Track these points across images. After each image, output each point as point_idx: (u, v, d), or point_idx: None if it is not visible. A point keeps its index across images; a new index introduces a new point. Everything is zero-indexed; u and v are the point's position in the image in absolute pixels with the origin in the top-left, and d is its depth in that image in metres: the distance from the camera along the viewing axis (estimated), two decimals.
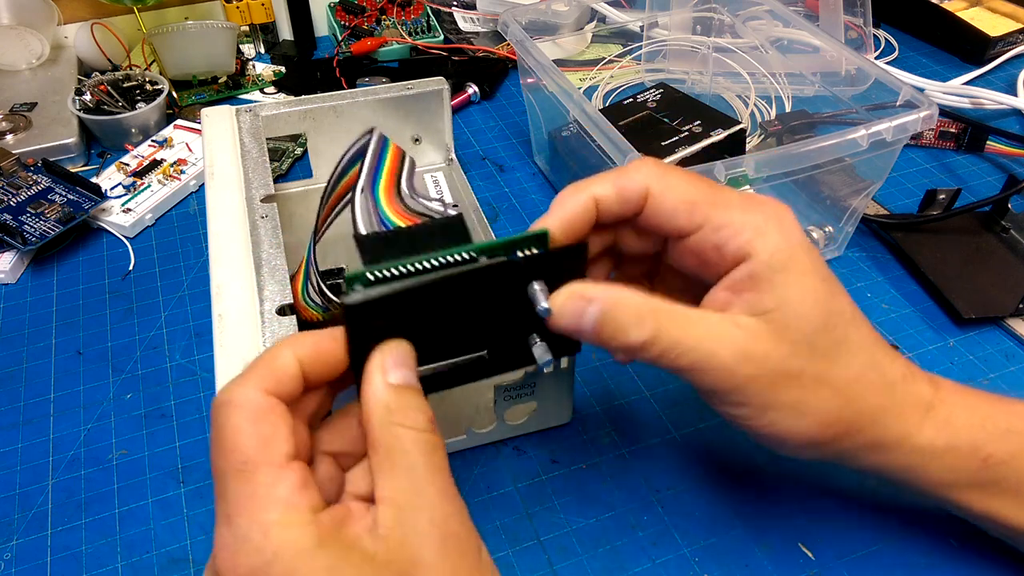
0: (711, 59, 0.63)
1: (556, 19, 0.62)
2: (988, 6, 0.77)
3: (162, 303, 0.50)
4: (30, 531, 0.38)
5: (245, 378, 0.26)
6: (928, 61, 0.74)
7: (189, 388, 0.45)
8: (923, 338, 0.47)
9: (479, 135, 0.65)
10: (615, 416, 0.43)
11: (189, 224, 0.56)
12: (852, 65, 0.50)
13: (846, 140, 0.43)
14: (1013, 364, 0.45)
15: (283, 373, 0.26)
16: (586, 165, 0.52)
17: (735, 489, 0.39)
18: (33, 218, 0.52)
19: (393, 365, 0.27)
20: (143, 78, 0.65)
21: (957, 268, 0.50)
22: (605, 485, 0.39)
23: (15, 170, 0.56)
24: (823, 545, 0.37)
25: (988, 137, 0.60)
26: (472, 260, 0.28)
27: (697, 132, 0.51)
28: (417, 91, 0.54)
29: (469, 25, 0.78)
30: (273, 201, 0.44)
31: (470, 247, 0.28)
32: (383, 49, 0.72)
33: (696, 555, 0.36)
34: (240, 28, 0.72)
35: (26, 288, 0.51)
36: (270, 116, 0.51)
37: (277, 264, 0.40)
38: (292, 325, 0.36)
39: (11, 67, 0.67)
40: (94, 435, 0.42)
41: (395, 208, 0.35)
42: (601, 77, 0.69)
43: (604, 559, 0.36)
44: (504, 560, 0.36)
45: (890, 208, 0.56)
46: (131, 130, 0.62)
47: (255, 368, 0.27)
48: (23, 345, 0.47)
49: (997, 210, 0.53)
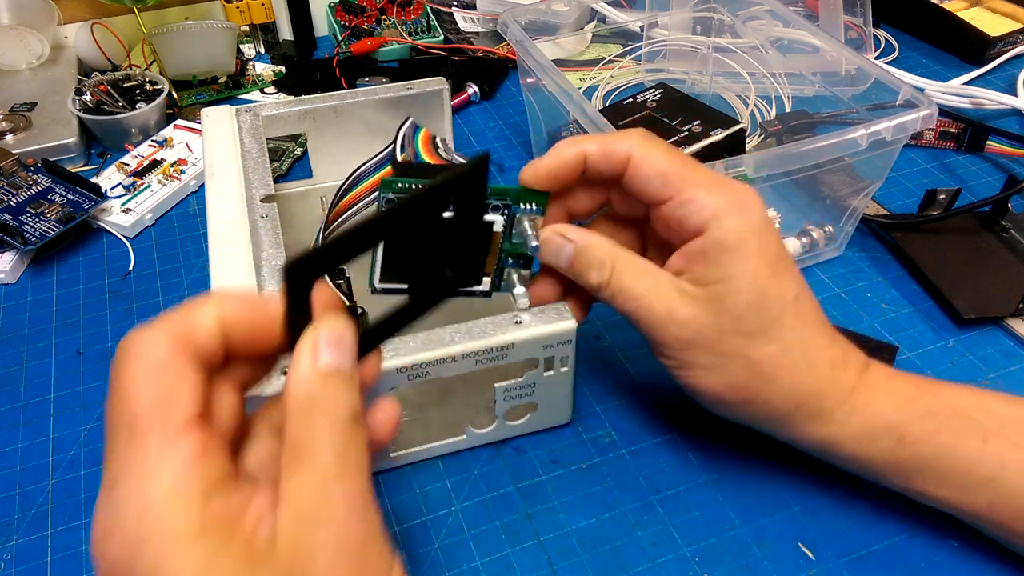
0: (711, 59, 0.63)
1: (556, 19, 0.62)
2: (988, 6, 0.77)
3: (162, 303, 0.50)
4: (30, 531, 0.38)
5: (154, 324, 0.24)
6: (928, 61, 0.74)
7: None
8: (923, 338, 0.47)
9: (479, 135, 0.65)
10: (615, 416, 0.43)
11: (189, 224, 0.56)
12: (852, 65, 0.50)
13: (845, 140, 0.43)
14: (1013, 364, 0.45)
15: (197, 328, 0.24)
16: None
17: (735, 489, 0.39)
18: (33, 218, 0.52)
19: (327, 345, 0.24)
20: (143, 78, 0.65)
21: (957, 268, 0.50)
22: (605, 485, 0.39)
23: (15, 170, 0.56)
24: (823, 545, 0.37)
25: (988, 137, 0.60)
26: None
27: (697, 132, 0.51)
28: (417, 91, 0.53)
29: (469, 25, 0.78)
30: (273, 201, 0.44)
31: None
32: (383, 49, 0.72)
33: (696, 555, 0.36)
34: (240, 28, 0.72)
35: (26, 288, 0.52)
36: (270, 116, 0.51)
37: (277, 264, 0.40)
38: None
39: (11, 67, 0.67)
40: (94, 435, 0.42)
41: (428, 151, 0.40)
42: (601, 77, 0.69)
43: (604, 559, 0.36)
44: (504, 560, 0.36)
45: (890, 208, 0.56)
46: (131, 130, 0.62)
47: (169, 316, 0.24)
48: (23, 345, 0.47)
49: (997, 210, 0.53)
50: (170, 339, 0.23)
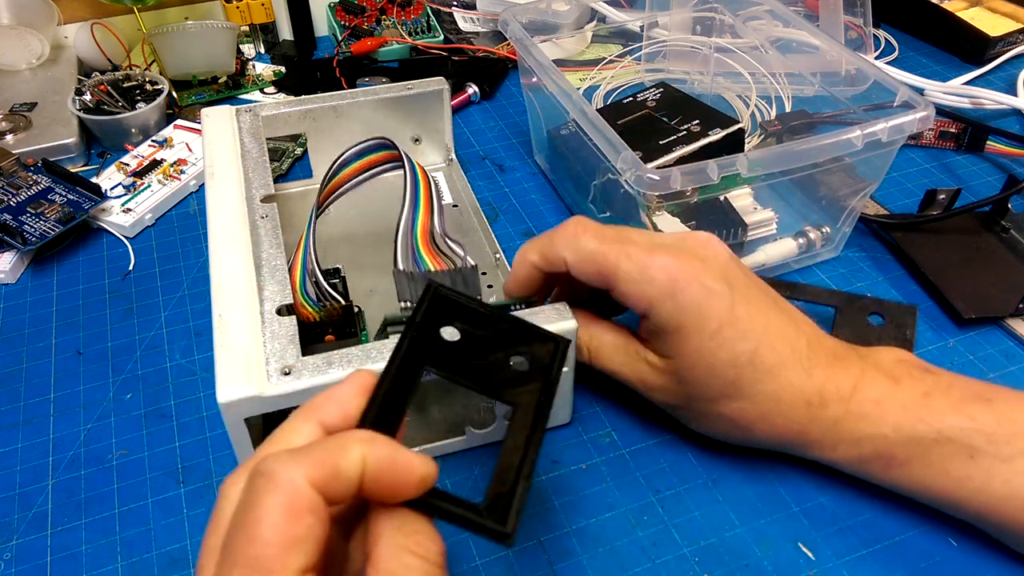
0: (712, 59, 0.63)
1: (556, 19, 0.62)
2: (988, 6, 0.77)
3: (162, 303, 0.50)
4: (30, 531, 0.38)
5: (298, 458, 0.23)
6: (928, 61, 0.74)
7: (189, 388, 0.45)
8: (923, 338, 0.47)
9: (479, 135, 0.65)
10: (615, 416, 0.43)
11: (189, 224, 0.56)
12: (852, 65, 0.50)
13: (841, 140, 0.43)
14: (1013, 364, 0.45)
15: (342, 474, 0.23)
16: (585, 164, 0.52)
17: (735, 489, 0.39)
18: (33, 218, 0.52)
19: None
20: (143, 78, 0.65)
21: (957, 268, 0.50)
22: (605, 485, 0.39)
23: (15, 170, 0.56)
24: (823, 545, 0.37)
25: (988, 137, 0.60)
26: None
27: (695, 131, 0.51)
28: (417, 91, 0.54)
29: (469, 25, 0.78)
30: (273, 201, 0.44)
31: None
32: (383, 49, 0.72)
33: (696, 555, 0.36)
34: (240, 28, 0.72)
35: (26, 288, 0.52)
36: (270, 116, 0.51)
37: (277, 264, 0.40)
38: (292, 325, 0.36)
39: (11, 67, 0.67)
40: (94, 435, 0.42)
41: (428, 250, 0.42)
42: (601, 77, 0.69)
43: (604, 559, 0.36)
44: (504, 560, 0.36)
45: (890, 208, 0.56)
46: (131, 130, 0.62)
47: (314, 452, 0.23)
48: (23, 345, 0.47)
49: (997, 210, 0.53)
50: (311, 483, 0.22)
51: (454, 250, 0.42)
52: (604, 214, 0.52)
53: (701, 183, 0.41)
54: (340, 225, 0.52)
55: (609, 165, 0.43)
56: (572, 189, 0.56)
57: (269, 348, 0.35)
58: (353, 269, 0.47)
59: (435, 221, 0.43)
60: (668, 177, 0.40)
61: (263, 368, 0.34)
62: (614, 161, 0.42)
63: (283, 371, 0.34)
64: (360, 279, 0.48)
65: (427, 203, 0.43)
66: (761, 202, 0.51)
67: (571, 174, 0.55)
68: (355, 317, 0.42)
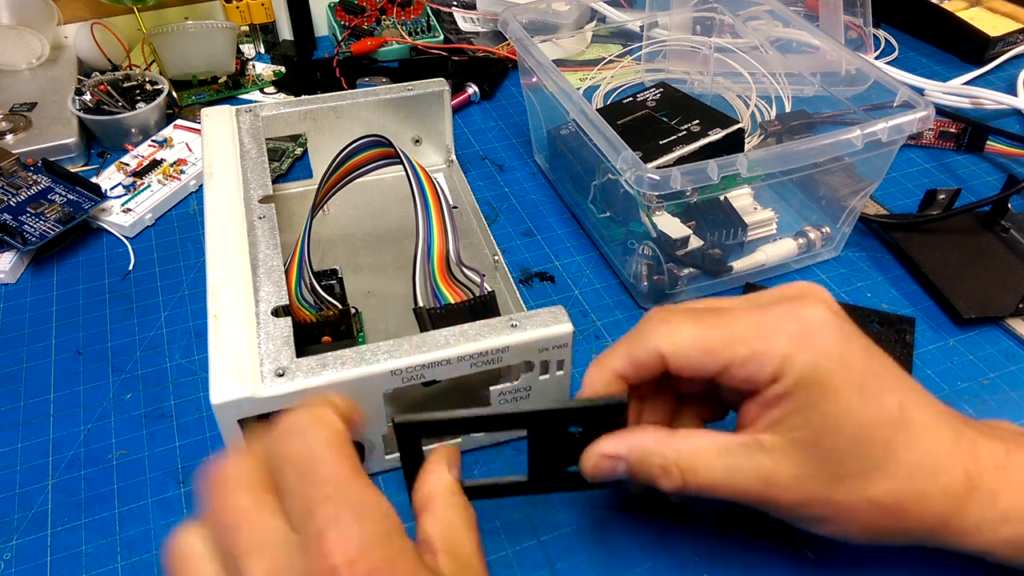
0: (712, 59, 0.63)
1: (556, 19, 0.62)
2: (988, 6, 0.77)
3: (162, 303, 0.50)
4: (30, 531, 0.38)
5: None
6: (928, 61, 0.74)
7: (189, 388, 0.45)
8: (923, 338, 0.47)
9: (479, 135, 0.65)
10: None
11: (189, 224, 0.56)
12: (852, 65, 0.50)
13: (841, 140, 0.43)
14: (1013, 364, 0.45)
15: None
16: (585, 164, 0.52)
17: None
18: (33, 218, 0.52)
19: (452, 464, 0.31)
20: (143, 78, 0.65)
21: (957, 268, 0.50)
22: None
23: (15, 170, 0.56)
24: (823, 545, 0.37)
25: (988, 137, 0.60)
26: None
27: (695, 131, 0.51)
28: (417, 92, 0.54)
29: (469, 25, 0.78)
30: (271, 202, 0.44)
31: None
32: (383, 49, 0.72)
33: (696, 555, 0.36)
34: (240, 28, 0.72)
35: (26, 288, 0.52)
36: (270, 116, 0.51)
37: (273, 265, 0.40)
38: (287, 327, 0.36)
39: (11, 67, 0.67)
40: (94, 435, 0.42)
41: (446, 281, 0.41)
42: (601, 77, 0.69)
43: (604, 559, 0.36)
44: (504, 560, 0.36)
45: (890, 208, 0.56)
46: (131, 130, 0.62)
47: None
48: (23, 345, 0.47)
49: (997, 210, 0.53)
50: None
51: (470, 277, 0.41)
52: (604, 214, 0.52)
53: (701, 183, 0.41)
54: (338, 226, 0.52)
55: (609, 165, 0.43)
56: (572, 189, 0.56)
57: (264, 349, 0.35)
58: (351, 270, 0.47)
59: (451, 248, 0.41)
60: (668, 177, 0.40)
61: (257, 369, 0.34)
62: (614, 161, 0.42)
63: (277, 373, 0.34)
64: (358, 280, 0.48)
65: (440, 225, 0.41)
66: (761, 202, 0.51)
67: (571, 174, 0.55)
68: (352, 319, 0.42)
